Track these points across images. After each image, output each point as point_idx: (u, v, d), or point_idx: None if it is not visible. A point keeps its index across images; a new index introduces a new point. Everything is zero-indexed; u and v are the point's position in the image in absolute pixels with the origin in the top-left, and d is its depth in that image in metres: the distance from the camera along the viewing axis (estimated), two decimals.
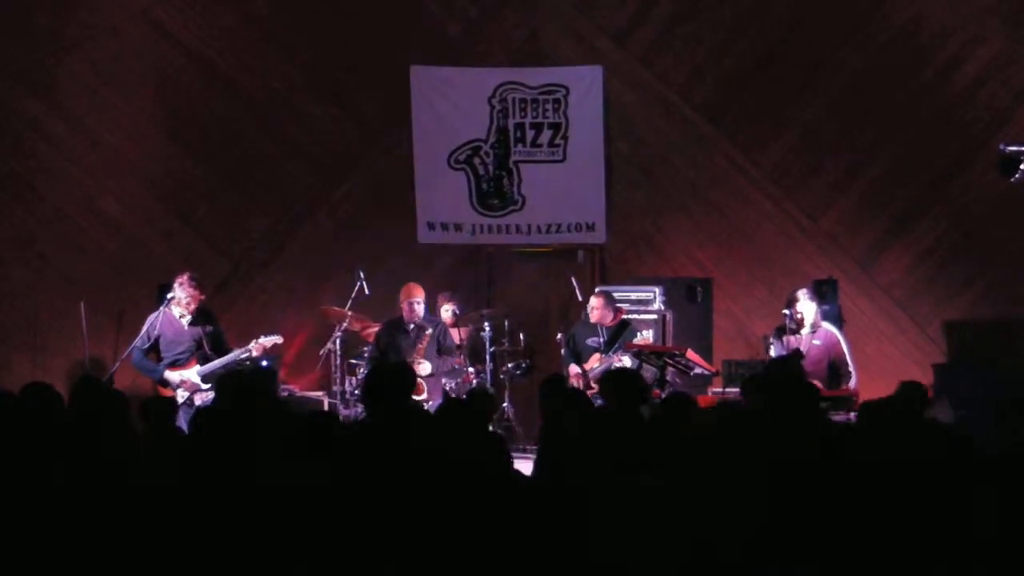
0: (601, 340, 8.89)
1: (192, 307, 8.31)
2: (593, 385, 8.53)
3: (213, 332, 8.47)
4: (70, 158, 10.57)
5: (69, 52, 10.47)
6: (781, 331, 8.52)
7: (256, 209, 10.94)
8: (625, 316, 9.21)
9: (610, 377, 5.92)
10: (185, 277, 8.34)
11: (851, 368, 8.35)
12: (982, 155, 10.07)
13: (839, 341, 8.39)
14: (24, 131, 10.46)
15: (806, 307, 8.40)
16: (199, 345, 8.36)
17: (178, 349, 8.33)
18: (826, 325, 8.47)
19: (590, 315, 9.01)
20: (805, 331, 8.38)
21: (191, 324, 8.36)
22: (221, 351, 8.42)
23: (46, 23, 10.39)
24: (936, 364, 10.22)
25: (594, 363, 8.81)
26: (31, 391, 5.08)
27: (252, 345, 8.36)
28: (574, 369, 8.91)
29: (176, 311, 8.34)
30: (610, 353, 8.75)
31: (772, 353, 8.55)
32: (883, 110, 10.63)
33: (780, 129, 10.83)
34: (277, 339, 8.52)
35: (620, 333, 8.87)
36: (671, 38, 10.84)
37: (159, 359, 8.34)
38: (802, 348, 8.26)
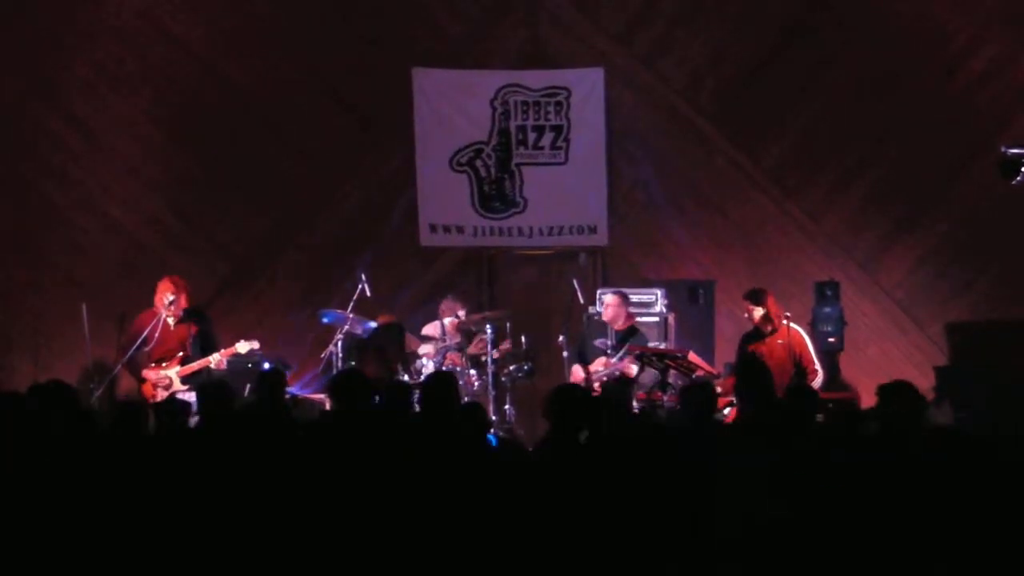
0: (609, 343, 8.81)
1: (175, 309, 8.47)
2: (596, 388, 8.48)
3: (200, 332, 8.59)
4: (71, 158, 10.56)
5: (70, 52, 10.47)
6: (746, 338, 8.55)
7: (257, 210, 10.92)
8: (635, 323, 9.15)
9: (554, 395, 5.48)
10: (166, 280, 8.54)
11: (816, 367, 8.35)
12: (984, 157, 10.03)
13: (803, 340, 8.39)
14: (25, 131, 10.46)
15: (754, 312, 8.42)
16: (183, 346, 8.50)
17: (163, 349, 8.60)
18: (790, 325, 8.45)
19: (603, 313, 8.93)
20: (767, 333, 8.38)
21: (177, 323, 8.51)
22: (209, 351, 8.57)
23: (47, 23, 10.38)
24: (937, 366, 10.22)
25: (599, 366, 8.74)
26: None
27: (222, 352, 8.52)
28: (577, 372, 8.86)
29: (163, 312, 8.51)
30: (616, 359, 8.67)
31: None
32: (884, 111, 10.62)
33: (781, 130, 10.82)
34: (254, 344, 8.70)
35: (628, 339, 8.80)
36: (672, 39, 10.83)
37: (149, 358, 8.59)
38: (766, 349, 8.26)
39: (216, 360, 8.49)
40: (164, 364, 8.57)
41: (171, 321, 8.56)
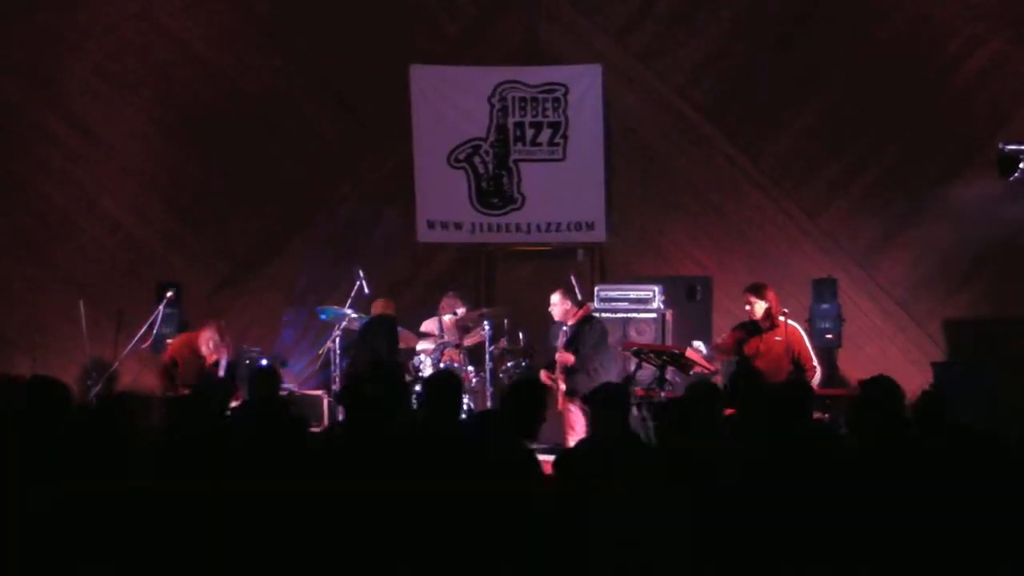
0: (564, 339, 8.83)
1: (213, 351, 8.60)
2: (561, 385, 8.51)
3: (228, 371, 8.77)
4: (70, 158, 10.62)
5: (69, 52, 10.53)
6: (741, 327, 8.54)
7: (256, 208, 10.96)
8: (592, 313, 9.06)
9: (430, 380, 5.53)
10: (213, 330, 8.75)
11: (814, 364, 8.35)
12: (981, 154, 10.04)
13: (801, 337, 8.38)
14: (24, 131, 10.51)
15: (755, 306, 8.40)
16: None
17: (191, 376, 8.77)
18: (788, 321, 8.42)
19: (553, 314, 8.94)
20: (765, 329, 8.36)
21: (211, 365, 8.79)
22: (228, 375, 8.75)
23: (47, 23, 10.44)
24: (935, 363, 10.21)
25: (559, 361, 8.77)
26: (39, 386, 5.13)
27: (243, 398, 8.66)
28: (543, 372, 8.85)
29: (202, 346, 8.77)
30: (564, 350, 8.72)
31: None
32: (883, 109, 10.61)
33: (780, 128, 10.83)
34: None
35: (580, 330, 8.77)
36: (671, 37, 10.84)
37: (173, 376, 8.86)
38: (763, 346, 8.25)
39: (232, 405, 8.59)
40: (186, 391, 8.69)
41: (205, 359, 8.75)
